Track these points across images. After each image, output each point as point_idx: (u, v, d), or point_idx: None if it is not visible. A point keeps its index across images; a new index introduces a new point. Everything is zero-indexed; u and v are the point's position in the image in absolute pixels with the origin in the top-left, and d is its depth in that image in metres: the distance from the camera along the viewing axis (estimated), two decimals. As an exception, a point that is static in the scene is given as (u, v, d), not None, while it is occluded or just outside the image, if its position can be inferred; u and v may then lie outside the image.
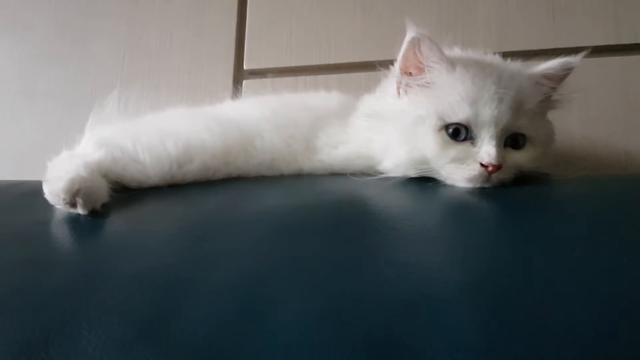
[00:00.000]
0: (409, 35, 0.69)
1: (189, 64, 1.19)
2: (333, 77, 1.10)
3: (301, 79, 1.12)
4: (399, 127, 0.71)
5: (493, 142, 0.66)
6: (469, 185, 0.67)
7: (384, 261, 0.51)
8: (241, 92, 1.12)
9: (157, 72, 1.21)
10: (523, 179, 0.68)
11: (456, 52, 0.76)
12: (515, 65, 0.73)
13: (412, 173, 0.69)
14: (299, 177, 0.79)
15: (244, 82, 1.16)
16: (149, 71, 1.21)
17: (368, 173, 0.72)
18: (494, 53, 0.78)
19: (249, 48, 1.16)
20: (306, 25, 1.14)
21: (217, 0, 1.21)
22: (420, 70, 0.70)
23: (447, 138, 0.68)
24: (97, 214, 0.66)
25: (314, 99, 0.87)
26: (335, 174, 0.77)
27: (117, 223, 0.66)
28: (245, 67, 1.16)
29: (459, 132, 0.67)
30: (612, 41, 0.99)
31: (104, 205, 0.67)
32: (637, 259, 0.47)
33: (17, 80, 1.29)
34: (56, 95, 1.26)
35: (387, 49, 0.73)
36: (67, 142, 0.81)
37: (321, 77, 1.10)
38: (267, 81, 1.13)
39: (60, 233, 0.64)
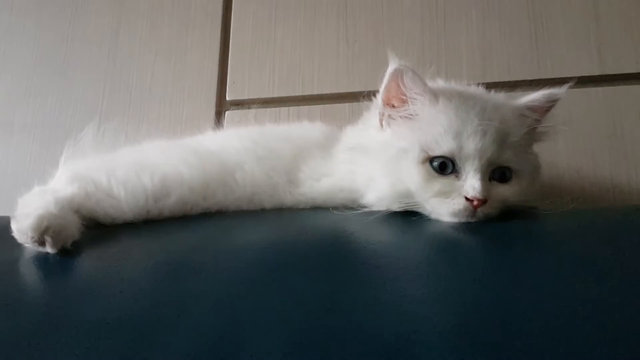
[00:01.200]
0: (391, 66, 0.68)
1: (170, 95, 1.18)
2: (316, 108, 1.09)
3: (284, 110, 1.10)
4: (381, 160, 0.69)
5: (478, 176, 0.64)
6: (454, 219, 0.65)
7: (366, 302, 0.49)
8: (223, 123, 1.10)
9: (138, 104, 1.19)
10: (509, 213, 0.66)
11: (439, 83, 0.75)
12: (499, 97, 0.72)
13: (396, 207, 0.68)
14: (280, 212, 0.77)
15: (227, 113, 1.14)
16: (129, 104, 1.19)
17: (351, 207, 0.70)
18: (478, 84, 0.77)
19: (231, 79, 1.15)
20: (289, 55, 1.13)
21: (200, 32, 1.20)
22: (403, 102, 0.69)
23: (431, 171, 0.66)
24: (67, 253, 0.63)
25: (296, 130, 0.85)
26: (318, 208, 0.76)
27: (87, 262, 0.63)
28: (227, 98, 1.15)
29: (445, 166, 0.66)
30: (596, 72, 0.99)
31: (74, 243, 0.65)
32: (625, 298, 0.45)
33: (-6, 114, 1.27)
34: (34, 129, 1.24)
35: (371, 80, 0.72)
36: (43, 177, 0.79)
37: (304, 108, 1.09)
38: (250, 112, 1.11)
39: (28, 273, 0.62)
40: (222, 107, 1.15)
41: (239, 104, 1.14)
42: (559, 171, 0.94)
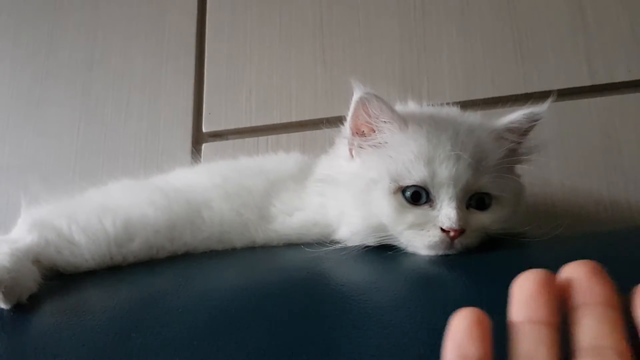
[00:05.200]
0: (356, 94, 0.64)
1: (145, 129, 1.14)
2: (296, 136, 1.05)
3: (263, 139, 1.07)
4: (352, 192, 0.66)
5: (453, 204, 0.60)
6: (431, 252, 0.60)
7: (325, 355, 0.46)
8: (201, 155, 1.07)
9: (113, 140, 1.16)
10: (491, 243, 0.62)
11: (410, 107, 0.71)
12: (474, 118, 0.68)
13: (371, 241, 0.64)
14: (251, 251, 0.73)
15: (204, 145, 1.11)
16: (104, 139, 1.16)
17: (326, 242, 0.65)
18: (459, 104, 0.73)
19: (207, 110, 1.12)
20: (266, 83, 1.10)
21: (174, 63, 1.17)
22: (372, 130, 0.65)
23: (404, 202, 0.62)
24: (22, 308, 0.60)
25: (269, 162, 0.82)
26: (291, 245, 0.72)
27: (42, 318, 0.60)
28: (204, 130, 1.12)
29: (419, 196, 0.61)
30: (586, 82, 0.94)
31: (32, 297, 0.61)
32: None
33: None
34: (10, 171, 1.21)
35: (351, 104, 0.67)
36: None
37: (283, 136, 1.05)
38: (228, 143, 1.08)
39: (-18, 330, 0.59)
40: (199, 139, 1.12)
41: (216, 135, 1.11)
42: (552, 191, 0.89)
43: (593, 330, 0.30)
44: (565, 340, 0.31)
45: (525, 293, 0.33)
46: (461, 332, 0.32)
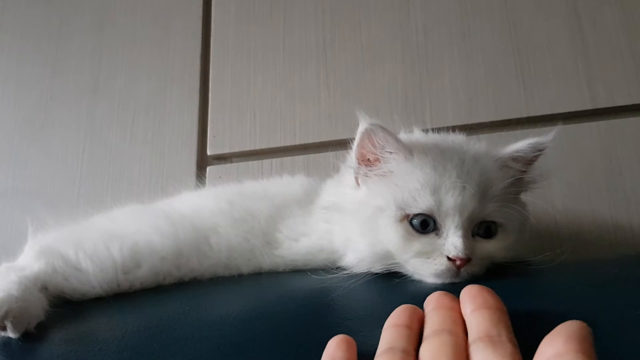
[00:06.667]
0: (362, 126, 0.65)
1: (150, 152, 1.15)
2: (300, 158, 1.06)
3: (267, 162, 1.08)
4: (358, 220, 0.66)
5: (459, 233, 0.60)
6: (438, 280, 0.60)
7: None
8: (206, 178, 1.07)
9: (118, 163, 1.17)
10: (497, 271, 0.62)
11: (416, 134, 0.71)
12: (480, 147, 0.68)
13: (378, 268, 0.63)
14: (258, 277, 0.73)
15: (208, 168, 1.12)
16: (109, 162, 1.17)
17: (332, 268, 0.66)
18: (461, 127, 0.74)
19: (212, 133, 1.13)
20: (270, 106, 1.11)
21: (178, 86, 1.18)
22: (377, 159, 0.65)
23: (410, 229, 0.62)
24: (30, 337, 0.60)
25: (274, 187, 0.82)
26: (298, 271, 0.72)
27: (51, 347, 0.60)
28: (209, 153, 1.12)
29: (426, 224, 0.62)
30: (587, 106, 0.95)
31: (40, 325, 0.62)
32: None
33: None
34: (15, 196, 1.21)
35: (354, 127, 0.67)
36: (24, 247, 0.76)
37: (288, 159, 1.06)
38: (233, 166, 1.09)
39: (-11, 361, 0.59)
40: (203, 162, 1.13)
41: (220, 158, 1.12)
42: (556, 215, 0.89)
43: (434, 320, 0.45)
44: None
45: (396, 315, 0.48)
46: (332, 346, 0.45)
